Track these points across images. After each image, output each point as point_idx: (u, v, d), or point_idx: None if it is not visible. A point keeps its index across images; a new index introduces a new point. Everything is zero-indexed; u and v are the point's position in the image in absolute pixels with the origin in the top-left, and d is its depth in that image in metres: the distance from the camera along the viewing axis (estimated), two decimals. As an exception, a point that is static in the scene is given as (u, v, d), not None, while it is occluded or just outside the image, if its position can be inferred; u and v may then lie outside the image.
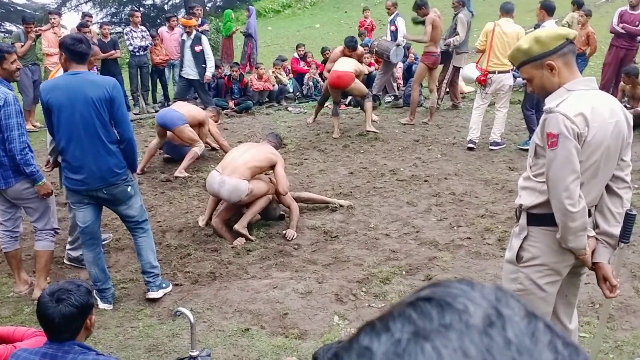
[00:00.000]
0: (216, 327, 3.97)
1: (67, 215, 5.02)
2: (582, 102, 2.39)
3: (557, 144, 2.36)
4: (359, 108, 10.24)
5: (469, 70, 8.09)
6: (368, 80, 10.04)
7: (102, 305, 4.22)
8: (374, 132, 8.48)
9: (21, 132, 4.03)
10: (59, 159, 4.30)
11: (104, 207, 4.17)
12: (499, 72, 7.49)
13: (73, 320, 2.27)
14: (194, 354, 2.42)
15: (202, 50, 9.18)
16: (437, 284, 0.46)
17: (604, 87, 9.15)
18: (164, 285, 4.40)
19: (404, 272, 4.56)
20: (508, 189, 6.29)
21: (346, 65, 8.29)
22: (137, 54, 10.18)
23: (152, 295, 4.30)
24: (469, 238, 5.17)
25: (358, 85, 8.37)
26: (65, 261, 4.97)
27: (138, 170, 4.86)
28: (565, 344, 0.40)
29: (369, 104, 8.49)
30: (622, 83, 8.69)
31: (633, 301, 4.12)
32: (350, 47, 8.49)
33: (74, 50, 3.83)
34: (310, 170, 7.17)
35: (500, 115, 7.72)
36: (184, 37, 9.43)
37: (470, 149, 7.74)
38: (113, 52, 9.65)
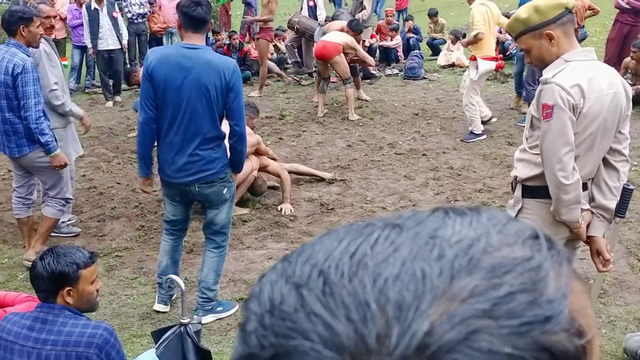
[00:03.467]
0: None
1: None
2: (579, 73, 2.35)
3: (551, 115, 2.32)
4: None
5: (485, 64, 6.98)
6: (369, 52, 9.91)
7: (156, 306, 3.81)
8: (357, 119, 7.96)
9: (37, 100, 3.97)
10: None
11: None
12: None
13: (42, 281, 2.26)
14: (185, 320, 2.42)
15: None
16: None
17: (607, 63, 9.03)
18: (219, 309, 3.74)
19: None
20: (506, 164, 6.26)
21: (335, 37, 7.89)
22: (135, 21, 10.04)
23: (199, 318, 3.57)
24: (466, 212, 5.15)
25: (342, 62, 7.83)
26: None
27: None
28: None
29: (350, 90, 7.98)
30: (626, 59, 8.57)
31: (627, 277, 4.12)
32: (354, 31, 8.14)
33: (189, 15, 3.26)
34: (308, 143, 7.13)
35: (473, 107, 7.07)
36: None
37: (485, 122, 7.23)
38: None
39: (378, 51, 11.20)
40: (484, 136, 7.05)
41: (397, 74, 10.69)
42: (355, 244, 0.38)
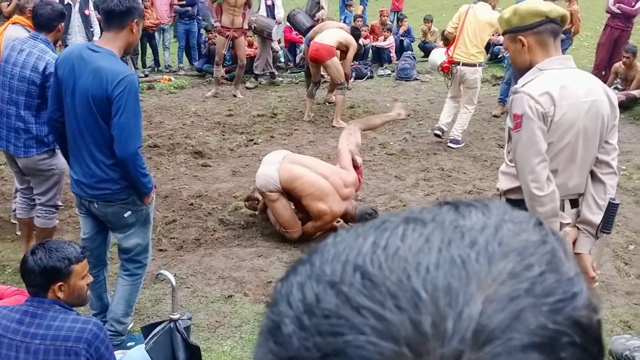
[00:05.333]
0: (199, 293, 3.98)
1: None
2: (551, 80, 2.30)
3: (521, 125, 2.28)
4: (353, 79, 10.20)
5: (437, 55, 7.15)
6: (363, 51, 9.87)
7: None
8: (342, 127, 7.47)
9: None
10: None
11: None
12: (463, 65, 6.58)
13: (33, 276, 2.25)
14: (175, 316, 2.42)
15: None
16: None
17: (597, 67, 9.12)
18: (130, 344, 3.28)
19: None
20: (496, 166, 6.29)
21: (328, 38, 7.51)
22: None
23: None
24: (455, 213, 5.18)
25: (336, 65, 7.47)
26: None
27: None
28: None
29: (340, 97, 7.65)
30: (615, 64, 8.64)
31: (614, 280, 4.17)
32: (354, 37, 7.92)
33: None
34: (299, 141, 7.13)
35: (464, 112, 6.87)
36: None
37: (436, 135, 7.00)
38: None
39: (371, 51, 11.22)
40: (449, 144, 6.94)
41: (390, 74, 10.73)
42: (383, 238, 0.39)
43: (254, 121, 7.83)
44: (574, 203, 2.48)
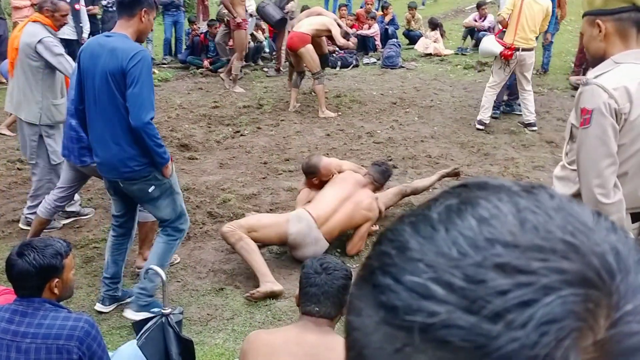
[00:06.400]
0: (190, 287, 3.97)
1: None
2: (628, 75, 2.04)
3: (590, 121, 2.02)
4: (338, 68, 10.18)
5: (490, 43, 6.79)
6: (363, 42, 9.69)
7: (96, 305, 3.67)
8: (331, 117, 7.54)
9: None
10: None
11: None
12: (523, 50, 6.54)
13: (29, 278, 2.22)
14: (166, 311, 2.40)
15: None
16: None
17: (582, 51, 9.14)
18: (154, 310, 3.16)
19: (377, 234, 4.56)
20: (484, 152, 6.32)
21: (305, 25, 7.40)
22: (111, 9, 9.87)
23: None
24: (444, 200, 5.19)
25: (310, 54, 7.32)
26: (21, 225, 4.72)
27: None
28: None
29: (318, 87, 7.53)
30: None
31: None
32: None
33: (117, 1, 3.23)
34: (286, 132, 7.11)
35: (528, 94, 6.87)
36: None
37: (479, 129, 6.98)
38: (91, 7, 9.32)
39: (356, 40, 11.17)
40: (486, 124, 6.99)
41: (375, 62, 10.71)
42: (485, 212, 0.40)
43: (240, 112, 7.79)
44: (636, 217, 2.19)
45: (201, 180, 5.65)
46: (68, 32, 8.30)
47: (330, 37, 7.68)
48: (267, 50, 10.99)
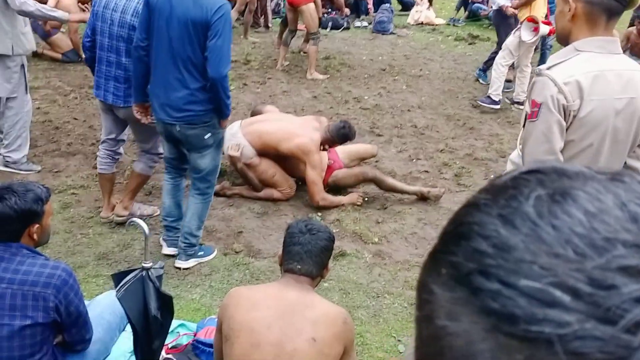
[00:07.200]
0: (169, 240, 3.93)
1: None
2: (584, 67, 1.95)
3: (537, 114, 1.97)
4: (329, 29, 10.01)
5: (530, 29, 6.35)
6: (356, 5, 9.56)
7: (165, 250, 3.74)
8: (320, 79, 7.46)
9: None
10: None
11: None
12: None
13: (9, 222, 2.17)
14: (147, 265, 2.37)
15: None
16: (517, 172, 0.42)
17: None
18: (200, 254, 3.72)
19: (359, 201, 4.57)
20: (469, 126, 6.32)
21: None
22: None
23: (179, 263, 3.66)
24: (427, 171, 5.21)
25: (311, 12, 7.27)
26: (0, 166, 4.63)
27: None
28: None
29: (312, 48, 7.46)
30: (629, 29, 8.13)
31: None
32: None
33: None
34: (272, 91, 7.01)
35: (527, 74, 6.68)
36: None
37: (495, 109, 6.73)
38: None
39: (348, 11, 11.00)
40: (499, 105, 6.70)
41: (366, 26, 10.56)
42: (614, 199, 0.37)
43: (227, 67, 7.64)
44: None
45: (184, 134, 5.56)
46: None
47: None
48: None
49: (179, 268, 3.65)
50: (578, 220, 0.36)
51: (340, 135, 4.49)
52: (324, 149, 4.53)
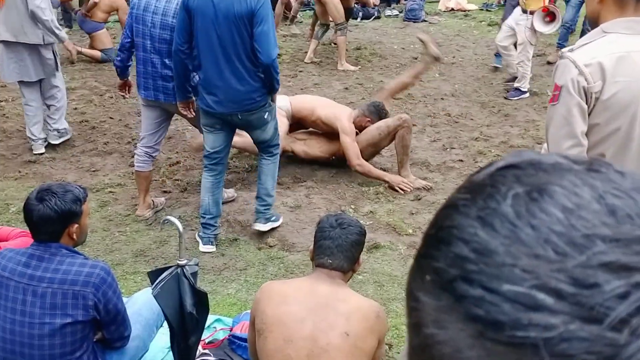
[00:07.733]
0: (204, 236, 3.98)
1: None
2: (609, 48, 1.88)
3: (558, 98, 1.93)
4: (359, 19, 9.94)
5: (540, 16, 6.20)
6: None
7: (202, 247, 3.80)
8: (351, 70, 7.43)
9: None
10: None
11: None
12: None
13: (50, 223, 2.22)
14: (182, 262, 2.40)
15: None
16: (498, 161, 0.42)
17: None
18: (273, 218, 3.94)
19: (393, 192, 4.54)
20: (504, 113, 6.21)
21: None
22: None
23: (259, 226, 3.88)
24: (461, 160, 5.14)
25: (335, 3, 7.21)
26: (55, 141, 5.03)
27: None
28: None
29: (341, 38, 7.42)
30: None
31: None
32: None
33: None
34: (304, 84, 7.01)
35: (515, 54, 6.62)
36: None
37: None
38: None
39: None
40: (527, 94, 6.60)
41: (397, 15, 10.45)
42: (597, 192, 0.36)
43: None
44: None
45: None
46: None
47: None
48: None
49: (258, 231, 3.90)
50: (556, 218, 0.35)
51: (373, 109, 4.77)
52: (362, 129, 4.72)
